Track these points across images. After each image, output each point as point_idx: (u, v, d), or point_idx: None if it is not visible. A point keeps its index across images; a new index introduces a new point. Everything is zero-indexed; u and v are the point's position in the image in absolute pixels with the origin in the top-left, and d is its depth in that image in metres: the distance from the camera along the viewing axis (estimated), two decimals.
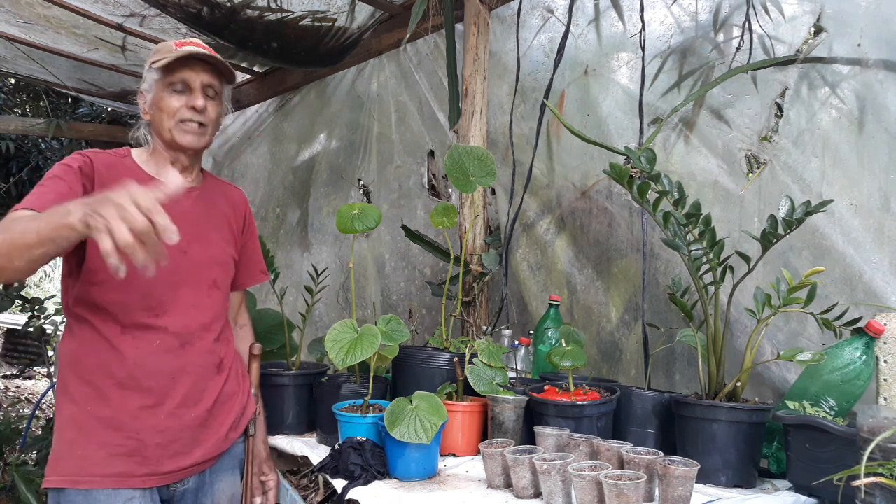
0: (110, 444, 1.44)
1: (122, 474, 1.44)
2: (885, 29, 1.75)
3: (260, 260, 1.90)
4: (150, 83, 1.59)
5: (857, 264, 1.77)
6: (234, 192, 1.83)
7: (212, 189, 1.74)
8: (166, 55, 1.55)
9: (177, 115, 1.56)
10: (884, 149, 1.75)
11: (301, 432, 2.09)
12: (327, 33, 2.97)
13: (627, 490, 1.26)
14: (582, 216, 2.44)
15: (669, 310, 2.14)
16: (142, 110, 1.63)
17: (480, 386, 1.77)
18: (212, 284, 1.64)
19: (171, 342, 1.53)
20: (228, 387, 1.65)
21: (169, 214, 1.51)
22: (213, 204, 1.72)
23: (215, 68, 1.60)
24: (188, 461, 1.54)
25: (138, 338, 1.49)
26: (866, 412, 1.30)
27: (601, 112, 2.36)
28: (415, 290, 3.19)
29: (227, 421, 1.63)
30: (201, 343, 1.59)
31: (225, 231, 1.73)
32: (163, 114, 1.56)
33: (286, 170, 4.05)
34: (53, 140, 5.85)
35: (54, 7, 2.91)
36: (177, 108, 1.56)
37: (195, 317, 1.58)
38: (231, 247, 1.74)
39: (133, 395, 1.47)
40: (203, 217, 1.67)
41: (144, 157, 1.64)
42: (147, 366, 1.48)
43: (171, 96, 1.56)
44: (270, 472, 1.79)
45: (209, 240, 1.66)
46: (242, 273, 1.82)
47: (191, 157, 1.65)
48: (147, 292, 1.50)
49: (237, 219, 1.79)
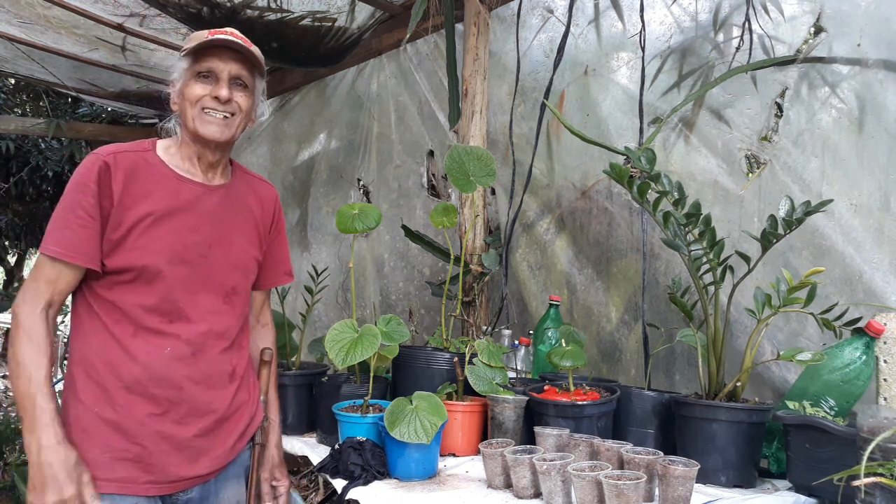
0: (114, 448, 1.42)
1: (125, 479, 1.41)
2: (885, 29, 1.75)
3: (286, 260, 1.80)
4: (179, 72, 1.53)
5: (857, 264, 1.77)
6: (263, 189, 1.73)
7: (240, 186, 1.66)
8: (196, 42, 1.49)
9: (199, 104, 1.49)
10: (884, 149, 1.75)
11: (301, 432, 2.09)
12: (327, 33, 2.97)
13: (627, 490, 1.26)
14: (582, 216, 2.44)
15: (669, 310, 2.14)
16: (171, 101, 1.56)
17: (480, 386, 1.77)
18: (231, 291, 1.59)
19: (182, 349, 1.48)
20: (240, 396, 1.60)
21: (192, 216, 1.51)
22: (241, 203, 1.64)
23: (246, 59, 1.52)
24: (193, 471, 1.50)
25: (149, 342, 1.45)
26: (866, 412, 1.30)
27: (601, 112, 2.36)
28: (413, 289, 3.19)
29: (234, 431, 1.58)
30: (214, 351, 1.53)
31: (250, 232, 1.65)
32: (187, 101, 1.50)
33: (286, 170, 4.05)
34: (53, 140, 5.85)
35: (54, 7, 2.91)
36: (200, 95, 1.49)
37: (211, 323, 1.53)
38: (255, 248, 1.66)
39: (139, 400, 1.44)
40: (228, 218, 1.59)
41: (172, 150, 1.56)
42: (155, 373, 1.44)
43: (196, 84, 1.49)
44: (283, 477, 1.72)
45: (232, 243, 1.59)
46: (266, 273, 1.74)
47: (216, 152, 1.56)
48: (165, 297, 1.46)
49: (265, 218, 1.70)
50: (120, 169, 1.45)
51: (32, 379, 1.35)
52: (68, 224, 1.40)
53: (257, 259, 1.67)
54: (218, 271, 1.55)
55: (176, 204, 1.49)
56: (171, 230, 1.47)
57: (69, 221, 1.40)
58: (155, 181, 1.48)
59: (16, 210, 6.62)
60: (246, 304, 1.67)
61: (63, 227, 1.40)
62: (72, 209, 1.41)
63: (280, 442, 1.76)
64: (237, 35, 1.52)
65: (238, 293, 1.61)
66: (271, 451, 1.72)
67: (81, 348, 1.46)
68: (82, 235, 1.40)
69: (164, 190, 1.48)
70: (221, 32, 1.50)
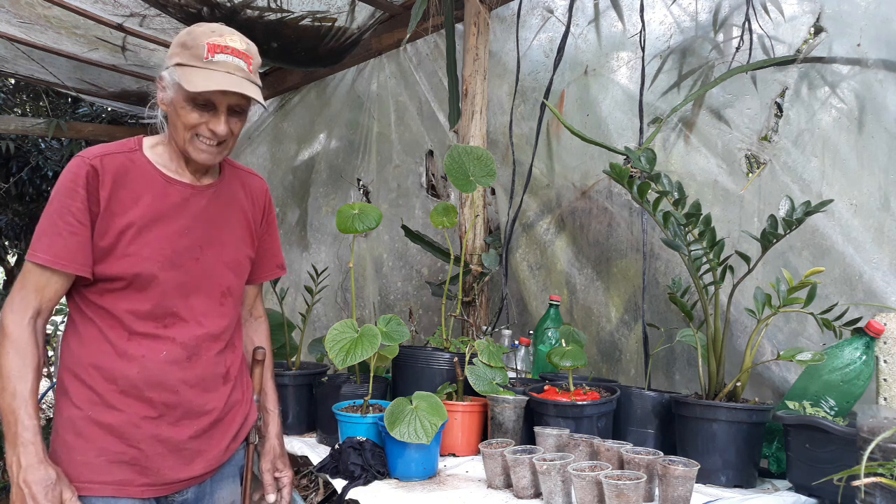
0: (110, 451, 1.41)
1: (121, 482, 1.41)
2: (885, 29, 1.75)
3: (278, 253, 1.77)
4: (171, 80, 1.42)
5: (857, 264, 1.77)
6: (253, 182, 1.69)
7: (230, 183, 1.61)
8: (193, 64, 1.38)
9: (195, 130, 1.43)
10: (884, 149, 1.75)
11: (301, 432, 2.09)
12: (327, 33, 2.97)
13: (627, 490, 1.26)
14: (582, 216, 2.44)
15: (669, 310, 2.14)
16: (159, 98, 1.47)
17: (480, 386, 1.77)
18: (225, 292, 1.57)
19: (178, 353, 1.47)
20: (234, 396, 1.59)
21: (182, 219, 1.49)
22: (231, 200, 1.60)
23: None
24: (188, 473, 1.49)
25: (145, 346, 1.44)
26: (866, 412, 1.30)
27: (601, 112, 2.36)
28: (412, 289, 3.19)
29: (229, 432, 1.57)
30: (209, 354, 1.52)
31: (242, 230, 1.62)
32: (179, 122, 1.43)
33: (286, 170, 4.05)
34: (53, 140, 5.85)
35: (54, 7, 2.91)
36: (196, 124, 1.42)
37: (206, 326, 1.51)
38: (248, 246, 1.64)
39: (135, 403, 1.43)
40: (219, 217, 1.56)
41: (160, 149, 1.51)
42: (151, 377, 1.43)
43: (191, 111, 1.41)
44: (285, 468, 1.70)
45: (223, 242, 1.56)
46: (259, 267, 1.71)
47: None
48: (158, 303, 1.45)
49: (256, 213, 1.66)
50: (108, 173, 1.41)
51: (17, 394, 1.32)
52: (58, 231, 1.37)
53: (250, 257, 1.66)
54: (211, 273, 1.53)
55: (165, 208, 1.46)
56: (162, 235, 1.45)
57: (59, 228, 1.37)
58: (143, 184, 1.45)
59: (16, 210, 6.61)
60: (239, 304, 1.65)
61: (52, 234, 1.37)
62: (60, 215, 1.37)
63: (280, 433, 1.74)
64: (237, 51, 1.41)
65: (232, 294, 1.59)
66: (272, 442, 1.70)
67: (75, 352, 1.45)
68: (72, 242, 1.37)
69: (152, 194, 1.45)
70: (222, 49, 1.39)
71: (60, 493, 1.31)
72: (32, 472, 1.29)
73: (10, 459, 1.31)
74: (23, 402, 1.32)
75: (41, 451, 1.31)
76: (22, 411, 1.31)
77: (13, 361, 1.33)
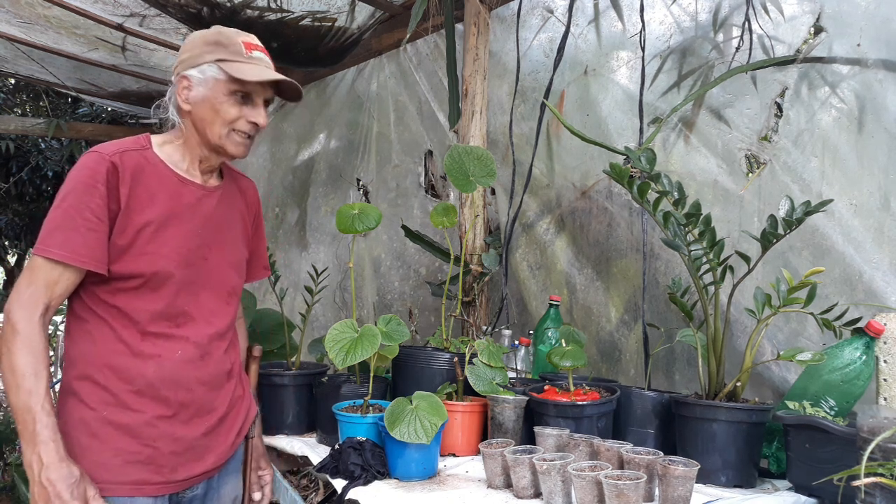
0: (126, 451, 1.40)
1: (137, 482, 1.41)
2: (885, 29, 1.75)
3: (263, 255, 1.81)
4: (205, 76, 1.44)
5: (857, 264, 1.77)
6: (248, 186, 1.73)
7: (231, 187, 1.65)
8: (237, 59, 1.45)
9: (233, 125, 1.47)
10: (883, 149, 1.75)
11: (301, 432, 2.09)
12: (327, 33, 2.97)
13: (627, 490, 1.26)
14: (582, 216, 2.44)
15: (669, 310, 2.14)
16: (180, 97, 1.47)
17: (480, 386, 1.77)
18: (230, 291, 1.60)
19: (191, 352, 1.48)
20: (236, 392, 1.63)
21: (194, 219, 1.51)
22: (233, 202, 1.64)
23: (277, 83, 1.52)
24: (201, 468, 1.51)
25: (160, 346, 1.44)
26: (866, 412, 1.30)
27: (601, 112, 2.36)
28: (409, 289, 3.19)
29: (234, 427, 1.60)
30: (218, 352, 1.55)
31: (240, 231, 1.66)
32: (217, 117, 1.45)
33: (285, 169, 4.05)
34: (53, 140, 5.85)
35: (54, 7, 2.91)
36: (235, 117, 1.46)
37: (215, 325, 1.53)
38: (245, 247, 1.68)
39: (150, 403, 1.43)
40: (223, 218, 1.59)
41: (169, 149, 1.52)
42: (168, 376, 1.44)
43: (232, 104, 1.45)
44: (267, 466, 1.76)
45: (227, 243, 1.59)
46: (249, 268, 1.74)
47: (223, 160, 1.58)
48: (171, 301, 1.46)
49: (250, 216, 1.71)
50: (127, 170, 1.41)
51: (33, 392, 1.30)
52: (75, 226, 1.35)
53: (247, 258, 1.70)
54: (217, 273, 1.56)
55: (179, 207, 1.48)
56: (178, 234, 1.46)
57: (76, 223, 1.35)
58: (157, 183, 1.46)
59: (16, 210, 6.62)
60: (239, 303, 1.69)
61: (68, 229, 1.34)
62: (78, 210, 1.35)
63: (261, 433, 1.81)
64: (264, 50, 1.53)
65: (236, 293, 1.64)
66: (255, 442, 1.75)
67: (85, 352, 1.43)
68: (91, 239, 1.35)
69: (166, 192, 1.47)
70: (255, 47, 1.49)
71: (84, 491, 1.30)
72: (55, 470, 1.27)
73: (28, 458, 1.28)
74: (39, 400, 1.30)
75: (62, 449, 1.30)
76: (39, 409, 1.29)
77: (27, 359, 1.31)
